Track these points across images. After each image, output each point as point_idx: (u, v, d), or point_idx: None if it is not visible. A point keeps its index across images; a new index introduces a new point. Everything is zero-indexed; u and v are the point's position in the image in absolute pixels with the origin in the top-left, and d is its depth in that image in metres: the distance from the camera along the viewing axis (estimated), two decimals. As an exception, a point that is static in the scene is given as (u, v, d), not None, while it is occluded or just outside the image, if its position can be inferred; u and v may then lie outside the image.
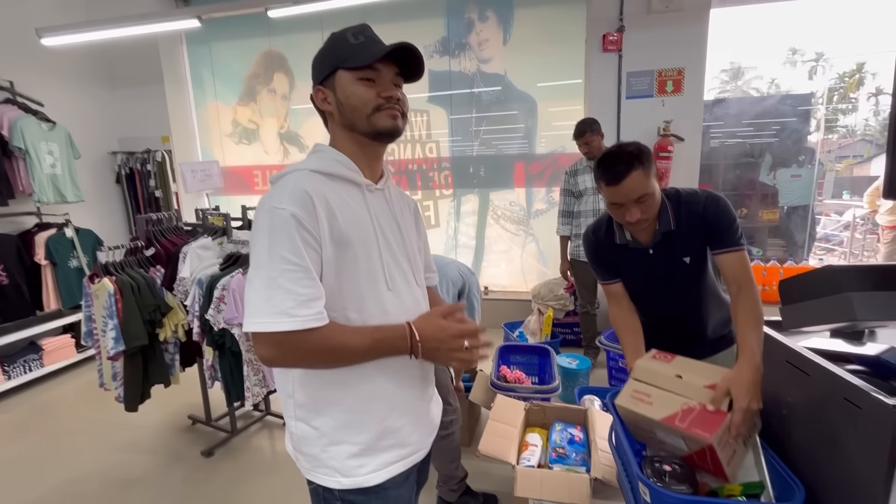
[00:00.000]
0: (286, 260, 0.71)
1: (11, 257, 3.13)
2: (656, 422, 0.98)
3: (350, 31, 0.82)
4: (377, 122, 0.80)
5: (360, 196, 0.83)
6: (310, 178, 0.78)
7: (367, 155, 0.86)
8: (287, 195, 0.73)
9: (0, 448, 2.54)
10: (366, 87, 0.79)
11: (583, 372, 2.66)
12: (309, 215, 0.73)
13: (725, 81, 3.91)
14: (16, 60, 3.37)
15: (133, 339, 1.91)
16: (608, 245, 1.34)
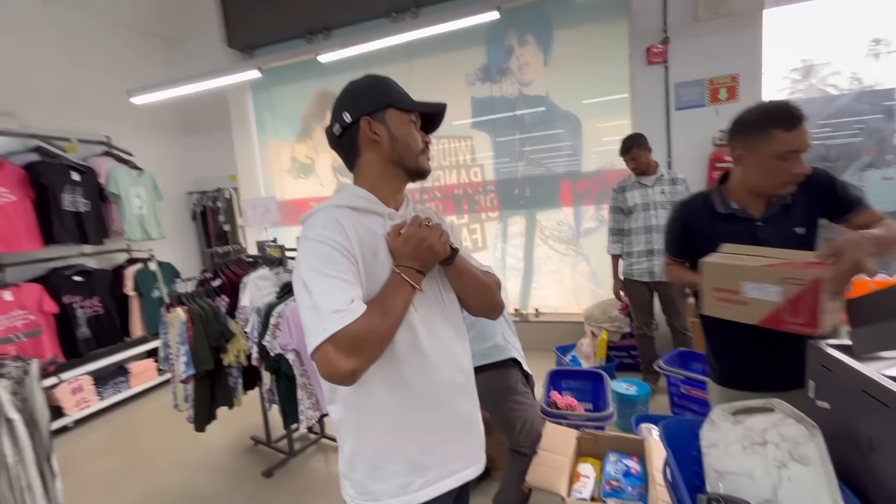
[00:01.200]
0: (326, 275, 0.77)
1: (106, 290, 3.53)
2: (754, 268, 1.00)
3: (391, 80, 0.93)
4: (422, 164, 0.91)
5: (382, 224, 0.89)
6: (336, 212, 0.85)
7: (395, 187, 0.93)
8: (319, 225, 0.82)
9: (94, 462, 2.82)
10: (415, 130, 0.89)
11: (641, 398, 2.50)
12: (340, 235, 0.80)
13: (797, 81, 3.61)
14: (112, 118, 3.88)
15: (201, 364, 2.08)
16: (703, 215, 1.28)
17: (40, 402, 1.25)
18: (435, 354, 0.89)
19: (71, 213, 3.31)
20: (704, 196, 1.31)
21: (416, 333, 0.86)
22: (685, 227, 1.33)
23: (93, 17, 3.82)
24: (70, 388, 3.22)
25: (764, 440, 1.13)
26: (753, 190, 1.21)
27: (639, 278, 2.74)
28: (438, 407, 0.88)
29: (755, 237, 1.20)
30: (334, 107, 0.92)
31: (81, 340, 3.31)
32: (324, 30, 4.19)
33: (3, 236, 2.91)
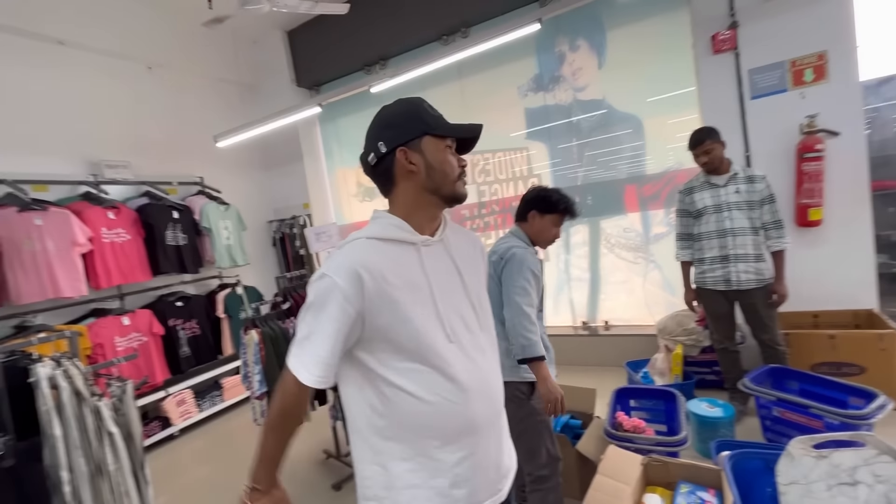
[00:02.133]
0: (323, 322, 0.81)
1: (202, 313, 3.98)
2: None
3: (424, 103, 0.91)
4: (459, 190, 0.91)
5: (415, 254, 0.88)
6: (364, 246, 0.85)
7: (431, 214, 0.92)
8: (338, 267, 0.82)
9: (195, 468, 3.17)
10: (450, 155, 0.89)
11: (724, 421, 2.25)
12: (353, 288, 0.80)
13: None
14: (203, 161, 4.42)
15: (273, 382, 2.26)
16: None
17: (135, 417, 1.44)
18: (470, 386, 0.87)
19: (173, 247, 3.80)
20: None
21: (451, 369, 0.85)
22: None
23: (187, 76, 4.40)
24: (175, 401, 3.66)
25: (854, 480, 0.96)
26: None
27: (713, 287, 2.49)
28: (468, 440, 0.87)
29: None
30: (368, 134, 0.91)
31: (183, 358, 3.75)
32: (380, 60, 4.44)
33: (122, 270, 3.43)
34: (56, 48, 3.44)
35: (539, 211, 1.75)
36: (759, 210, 2.41)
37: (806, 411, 2.04)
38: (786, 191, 2.84)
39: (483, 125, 0.93)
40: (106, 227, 3.34)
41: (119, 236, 3.42)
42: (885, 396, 1.93)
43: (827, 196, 2.77)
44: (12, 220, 2.86)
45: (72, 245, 3.08)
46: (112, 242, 3.37)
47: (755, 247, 2.41)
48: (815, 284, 2.79)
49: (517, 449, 1.68)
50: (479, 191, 4.32)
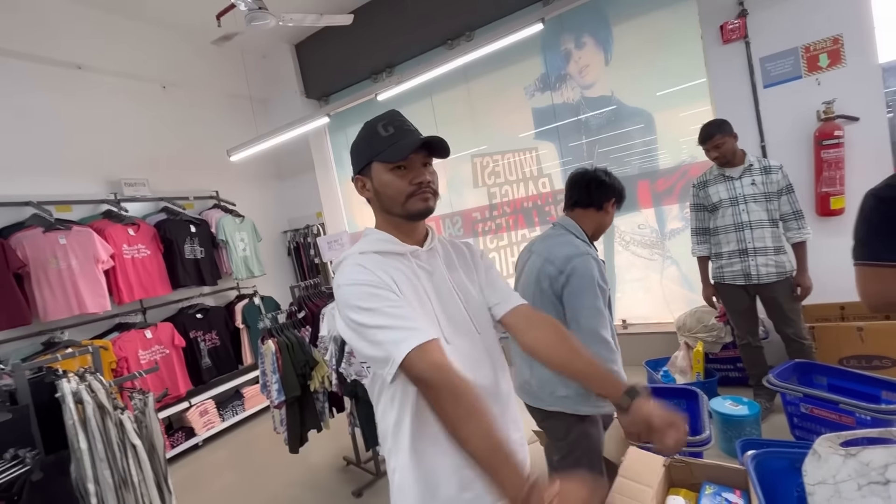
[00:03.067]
0: (370, 310, 0.79)
1: (221, 324, 4.06)
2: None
3: (380, 123, 0.89)
4: (411, 208, 0.89)
5: (407, 263, 0.92)
6: (360, 257, 0.90)
7: (404, 230, 0.94)
8: (346, 273, 0.87)
9: (219, 477, 3.22)
10: (398, 177, 0.88)
11: (750, 419, 2.19)
12: (367, 274, 0.84)
13: None
14: (218, 175, 4.52)
15: (290, 390, 2.29)
16: None
17: (157, 429, 1.48)
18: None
19: (191, 261, 3.88)
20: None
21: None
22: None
23: (199, 93, 4.51)
24: (198, 412, 3.73)
25: (885, 479, 0.93)
26: None
27: (732, 282, 2.43)
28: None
29: None
30: None
31: (204, 369, 3.83)
32: (387, 68, 4.48)
33: (143, 285, 3.52)
34: (74, 72, 3.57)
35: (617, 200, 1.55)
36: (776, 201, 2.35)
37: (836, 407, 1.97)
38: (805, 180, 2.76)
39: (421, 137, 0.86)
40: (127, 244, 3.43)
41: (139, 252, 3.51)
42: (919, 390, 1.85)
43: (849, 184, 2.68)
44: (38, 241, 2.96)
45: (95, 262, 3.17)
46: (133, 258, 3.46)
47: (774, 239, 2.34)
48: (840, 275, 2.65)
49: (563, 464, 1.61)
50: (490, 193, 4.31)
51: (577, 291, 1.38)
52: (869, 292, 1.07)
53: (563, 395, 1.53)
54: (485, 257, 1.09)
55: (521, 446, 1.01)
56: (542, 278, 1.46)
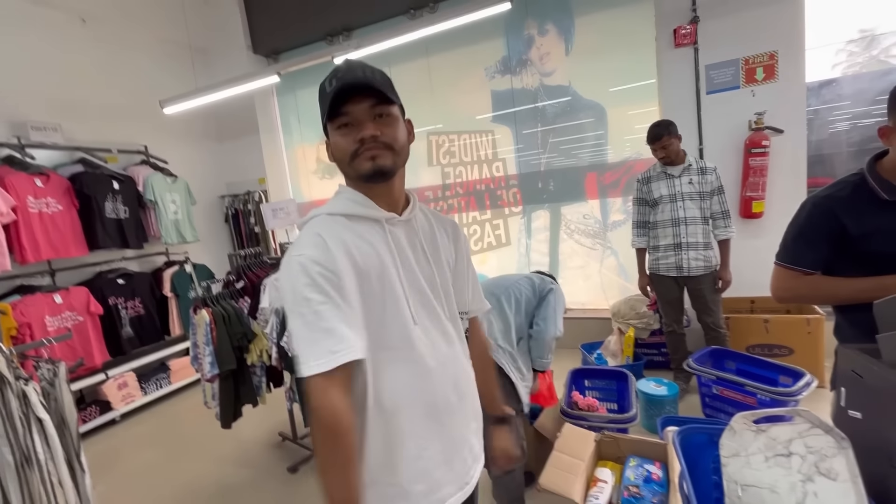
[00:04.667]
0: (309, 301, 0.72)
1: (146, 292, 3.74)
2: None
3: (327, 78, 0.79)
4: (358, 168, 0.80)
5: (380, 231, 0.83)
6: (326, 221, 0.81)
7: (377, 193, 0.84)
8: (303, 243, 0.77)
9: (138, 454, 3.00)
10: (343, 136, 0.79)
11: (669, 399, 2.39)
12: (323, 253, 0.74)
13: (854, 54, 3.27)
14: (148, 128, 4.09)
15: (224, 364, 2.16)
16: (859, 205, 1.08)
17: (68, 402, 1.33)
18: (432, 373, 0.84)
19: (113, 220, 3.51)
20: (854, 183, 1.10)
21: (414, 350, 0.82)
22: (833, 222, 1.10)
23: (128, 33, 4.02)
24: (116, 384, 3.44)
25: (789, 451, 1.04)
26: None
27: (666, 273, 2.61)
28: (429, 430, 0.84)
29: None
30: None
31: (125, 339, 3.52)
32: (344, 31, 4.24)
33: (52, 243, 3.13)
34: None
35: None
36: (709, 200, 2.53)
37: (741, 389, 2.20)
38: (733, 183, 3.00)
39: (361, 76, 0.77)
40: (33, 196, 3.03)
41: (49, 206, 3.12)
42: (810, 375, 2.11)
43: (769, 190, 2.96)
44: (-82, 184, 2.53)
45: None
46: (40, 213, 3.06)
47: (704, 235, 2.54)
48: (755, 272, 2.96)
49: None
50: (444, 172, 4.27)
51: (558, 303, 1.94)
52: (780, 289, 1.23)
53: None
54: (468, 247, 1.04)
55: (478, 439, 0.98)
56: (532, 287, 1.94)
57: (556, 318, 1.87)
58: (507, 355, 1.76)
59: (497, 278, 1.99)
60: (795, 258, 1.19)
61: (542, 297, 1.90)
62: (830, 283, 1.15)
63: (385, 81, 0.81)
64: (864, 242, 1.08)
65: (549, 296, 1.90)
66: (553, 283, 1.96)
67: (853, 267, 1.11)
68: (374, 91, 0.78)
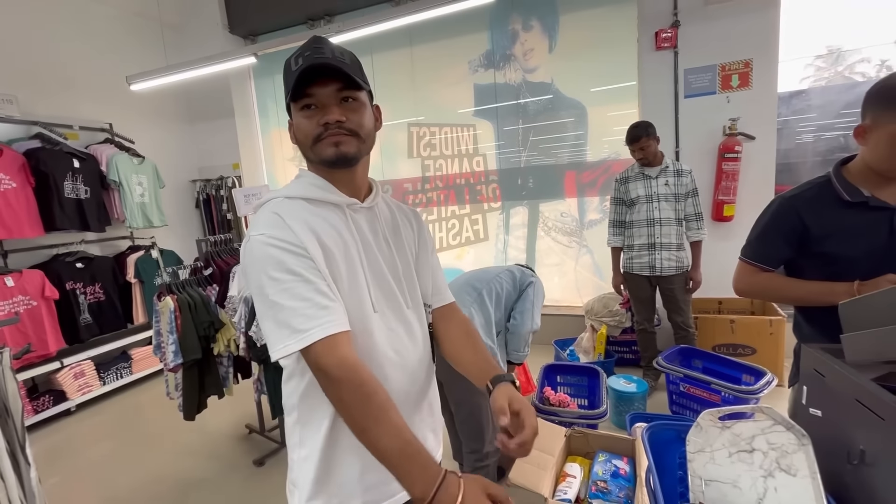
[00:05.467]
0: (277, 280, 0.69)
1: (108, 277, 3.57)
2: None
3: (293, 56, 0.76)
4: (321, 153, 0.77)
5: (342, 216, 0.81)
6: (284, 203, 0.77)
7: (338, 179, 0.82)
8: (261, 223, 0.74)
9: (94, 446, 2.87)
10: (307, 118, 0.76)
11: (638, 396, 2.44)
12: (283, 230, 0.72)
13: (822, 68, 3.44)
14: (113, 105, 3.89)
15: (189, 353, 2.08)
16: (822, 205, 1.11)
17: (13, 390, 1.24)
18: (390, 363, 0.82)
19: (72, 201, 3.33)
20: (820, 185, 1.13)
21: (372, 339, 0.80)
22: (797, 222, 1.13)
23: (95, 4, 3.80)
24: (72, 373, 3.27)
25: (751, 447, 1.06)
26: (876, 170, 1.05)
27: (639, 272, 2.66)
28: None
29: (893, 227, 1.04)
30: None
31: (83, 326, 3.35)
32: (326, 15, 4.12)
33: (4, 223, 2.94)
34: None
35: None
36: (683, 202, 2.59)
37: (707, 387, 2.26)
38: (707, 187, 3.08)
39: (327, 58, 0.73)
40: (-17, 171, 2.83)
41: (1, 183, 2.92)
42: (771, 374, 2.19)
43: (740, 194, 3.04)
44: None
45: (-64, 189, 2.58)
46: (-8, 190, 2.87)
47: (677, 236, 2.59)
48: (723, 274, 3.05)
49: (465, 427, 1.74)
50: (424, 165, 4.23)
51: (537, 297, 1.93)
52: (739, 282, 1.27)
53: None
54: (430, 236, 1.02)
55: (435, 432, 0.97)
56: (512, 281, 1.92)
57: (533, 312, 1.86)
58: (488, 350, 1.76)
59: (478, 271, 1.96)
60: (756, 254, 1.23)
61: (522, 290, 1.88)
62: (785, 282, 1.19)
63: (354, 64, 0.78)
64: (823, 243, 1.11)
65: (528, 289, 1.89)
66: (533, 277, 1.95)
67: (812, 267, 1.15)
68: (341, 74, 0.74)
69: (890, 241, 1.04)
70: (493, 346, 1.77)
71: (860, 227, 1.07)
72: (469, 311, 1.75)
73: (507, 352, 1.88)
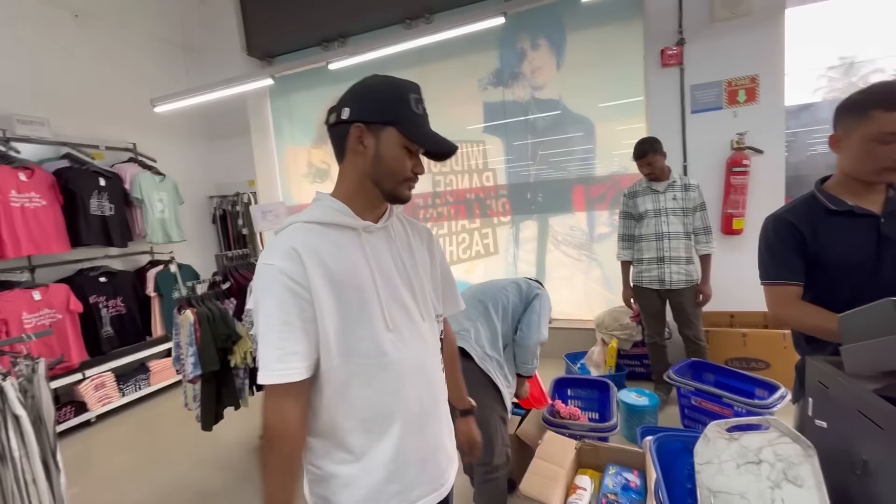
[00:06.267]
0: (271, 314, 0.76)
1: (128, 291, 3.68)
2: None
3: (412, 94, 0.84)
4: (400, 192, 0.86)
5: (356, 240, 0.85)
6: (302, 230, 0.82)
7: (372, 202, 0.87)
8: (275, 251, 0.78)
9: (113, 457, 2.93)
10: (407, 156, 0.84)
11: (650, 409, 2.43)
12: (295, 266, 0.76)
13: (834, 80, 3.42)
14: (138, 126, 4.06)
15: (208, 365, 2.14)
16: (814, 217, 1.16)
17: (47, 399, 1.31)
18: (407, 377, 0.86)
19: (97, 217, 3.46)
20: (806, 200, 1.20)
21: (387, 357, 0.83)
22: (797, 233, 1.17)
23: (121, 29, 4.00)
24: (93, 385, 3.36)
25: (759, 459, 1.08)
26: (852, 176, 1.12)
27: (648, 286, 2.67)
28: (405, 428, 0.85)
29: (880, 233, 1.10)
30: (345, 94, 0.87)
31: (105, 338, 3.45)
32: (339, 38, 4.28)
33: (33, 239, 3.07)
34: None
35: None
36: (691, 216, 2.61)
37: (718, 400, 2.25)
38: (715, 200, 3.09)
39: (458, 147, 0.89)
40: (16, 190, 2.97)
41: (32, 201, 3.06)
42: (785, 388, 2.17)
43: (749, 208, 3.05)
44: None
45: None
46: (23, 207, 3.01)
47: (686, 250, 2.61)
48: (734, 287, 3.07)
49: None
50: (434, 181, 4.31)
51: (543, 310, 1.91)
52: (778, 309, 1.21)
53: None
54: (441, 249, 1.06)
55: (451, 438, 1.01)
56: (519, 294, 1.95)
57: (540, 325, 1.87)
58: (494, 363, 1.77)
59: (484, 284, 1.99)
60: (777, 273, 1.21)
61: (528, 302, 1.91)
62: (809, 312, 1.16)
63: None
64: (818, 254, 1.15)
65: (534, 301, 1.90)
66: (539, 289, 1.96)
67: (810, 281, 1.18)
68: (440, 158, 0.88)
69: (879, 248, 1.09)
70: (499, 358, 1.79)
71: (849, 236, 1.12)
72: (475, 325, 1.78)
73: (516, 364, 1.89)
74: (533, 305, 1.88)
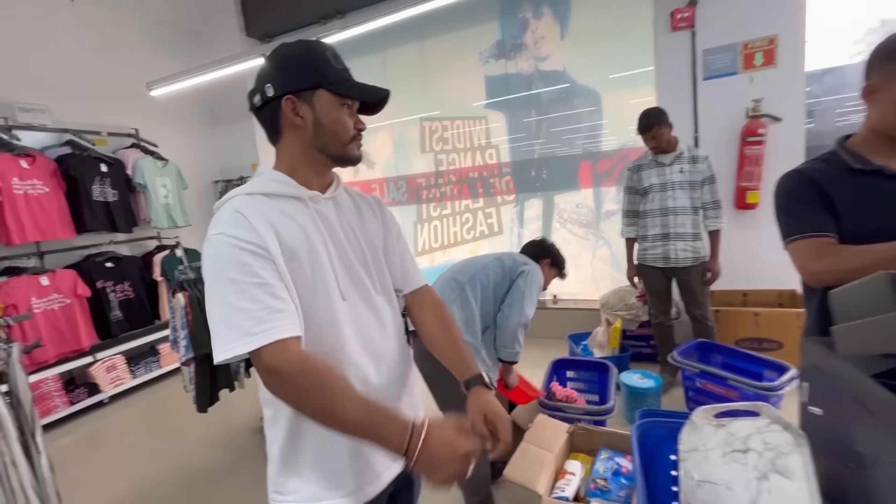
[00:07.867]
0: (234, 281, 0.69)
1: (136, 276, 3.74)
2: None
3: (329, 52, 0.80)
4: (350, 152, 0.83)
5: (304, 209, 0.81)
6: (245, 200, 0.77)
7: (318, 170, 0.85)
8: (221, 221, 0.74)
9: (123, 436, 3.03)
10: (346, 115, 0.81)
11: (652, 392, 2.35)
12: (246, 231, 0.72)
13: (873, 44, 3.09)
14: (140, 111, 4.05)
15: (200, 347, 2.15)
16: (833, 174, 1.01)
17: (23, 382, 1.32)
18: (361, 351, 0.83)
19: (101, 203, 3.50)
20: (826, 158, 1.04)
21: (341, 328, 0.80)
22: (818, 188, 1.00)
23: (119, 13, 3.96)
24: (105, 367, 3.46)
25: (746, 447, 1.00)
26: (885, 132, 0.97)
27: (653, 264, 2.55)
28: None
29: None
30: (259, 72, 0.82)
31: (114, 322, 3.53)
32: (337, 14, 4.15)
33: (39, 225, 3.12)
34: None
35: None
36: (699, 190, 2.46)
37: (724, 383, 2.15)
38: (728, 173, 2.92)
39: (390, 91, 0.85)
40: (18, 178, 3.01)
41: (35, 188, 3.10)
42: (796, 370, 2.05)
43: (764, 180, 2.87)
44: None
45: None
46: (26, 194, 3.05)
47: (693, 226, 2.47)
48: (748, 265, 2.92)
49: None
50: (437, 159, 4.21)
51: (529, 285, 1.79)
52: (811, 261, 1.00)
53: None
54: (395, 222, 1.01)
55: (416, 410, 0.97)
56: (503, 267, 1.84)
57: (522, 304, 1.73)
58: (469, 348, 1.69)
59: (464, 262, 1.87)
60: (802, 227, 1.02)
61: (512, 280, 1.80)
62: (858, 252, 0.94)
63: None
64: (842, 218, 0.99)
65: (518, 279, 1.78)
66: (526, 265, 1.82)
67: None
68: (377, 108, 0.87)
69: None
70: (475, 342, 1.69)
71: (877, 199, 0.96)
72: (450, 309, 1.70)
73: (496, 348, 1.78)
74: (517, 284, 1.77)
